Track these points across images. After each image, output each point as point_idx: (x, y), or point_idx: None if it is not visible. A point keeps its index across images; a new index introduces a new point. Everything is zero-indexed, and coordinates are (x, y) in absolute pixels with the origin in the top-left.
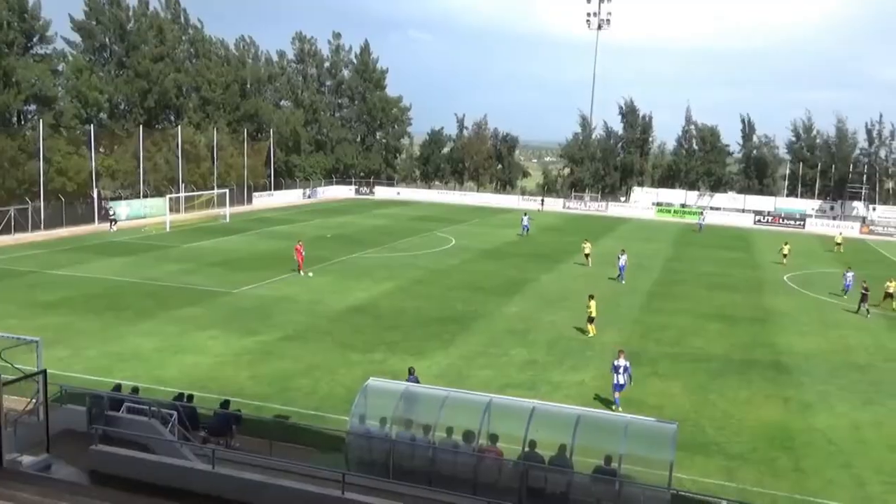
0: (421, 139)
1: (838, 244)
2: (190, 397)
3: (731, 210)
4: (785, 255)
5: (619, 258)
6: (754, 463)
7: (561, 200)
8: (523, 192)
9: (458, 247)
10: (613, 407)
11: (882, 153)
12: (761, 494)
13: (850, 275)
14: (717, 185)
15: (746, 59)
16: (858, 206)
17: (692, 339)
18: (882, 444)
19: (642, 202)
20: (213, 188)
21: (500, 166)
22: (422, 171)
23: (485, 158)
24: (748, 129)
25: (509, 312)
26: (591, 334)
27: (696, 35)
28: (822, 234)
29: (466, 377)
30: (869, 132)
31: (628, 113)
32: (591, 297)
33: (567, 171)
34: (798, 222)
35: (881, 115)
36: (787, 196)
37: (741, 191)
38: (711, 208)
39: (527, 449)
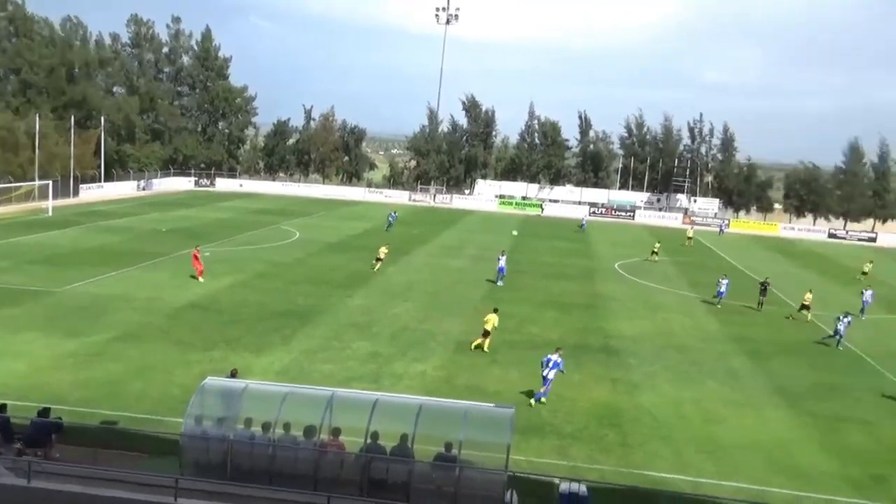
0: (266, 130)
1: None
2: (2, 407)
3: (568, 202)
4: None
5: (499, 259)
6: (585, 441)
7: (406, 193)
8: (369, 185)
9: (302, 240)
10: (543, 400)
11: (702, 149)
12: (590, 470)
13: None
14: (557, 178)
15: (587, 59)
16: (681, 198)
17: (530, 327)
18: (699, 418)
19: (486, 194)
20: (33, 179)
21: (346, 158)
22: (266, 163)
23: (331, 150)
24: (585, 125)
25: (353, 305)
26: (473, 346)
27: (539, 34)
28: (651, 224)
29: (309, 372)
30: (691, 130)
31: (471, 107)
32: (496, 310)
33: (413, 163)
34: (629, 213)
35: (701, 115)
36: (620, 189)
37: (578, 183)
38: (550, 200)
39: (369, 441)
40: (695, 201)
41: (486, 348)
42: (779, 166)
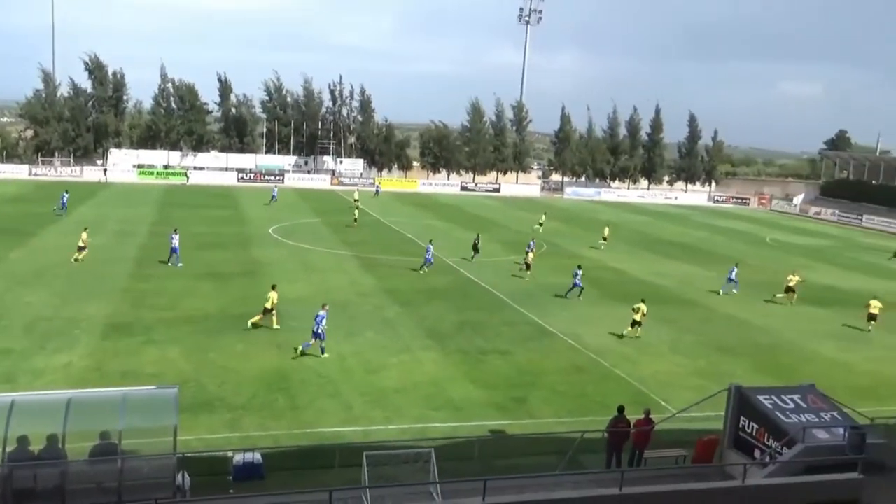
0: None
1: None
2: None
3: (214, 169)
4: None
5: (171, 238)
6: (256, 409)
7: (26, 167)
8: None
9: None
10: (324, 354)
11: (344, 111)
12: (264, 437)
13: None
14: (200, 145)
15: (218, 19)
16: (328, 160)
17: (187, 301)
18: (362, 369)
19: (122, 164)
20: None
21: None
22: None
23: None
24: (225, 89)
25: None
26: (250, 323)
27: None
28: (299, 187)
29: None
30: (332, 92)
31: (96, 69)
32: (274, 287)
33: (30, 133)
34: (278, 177)
35: (341, 77)
36: (267, 153)
37: (223, 149)
38: (196, 168)
39: (10, 448)
40: (341, 162)
41: (275, 325)
42: (413, 126)
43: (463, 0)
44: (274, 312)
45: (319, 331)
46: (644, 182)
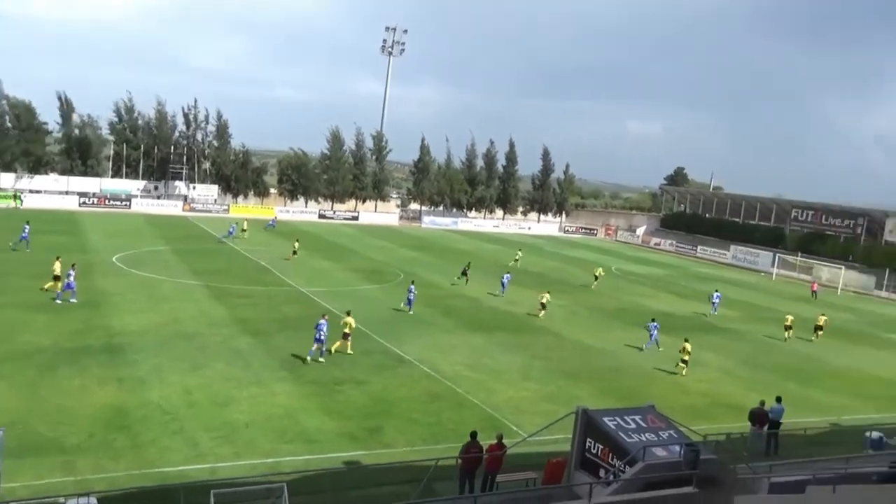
0: None
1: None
2: None
3: (54, 192)
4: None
5: (69, 274)
6: (92, 450)
7: None
8: None
9: None
10: (319, 359)
11: (199, 136)
12: (101, 479)
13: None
14: (38, 167)
15: (58, 31)
16: (180, 186)
17: (20, 335)
18: (210, 402)
19: None
20: None
21: None
22: None
23: None
24: (67, 108)
25: None
26: (333, 349)
27: None
28: (148, 213)
29: None
30: (186, 116)
31: None
32: (349, 312)
33: None
34: (124, 202)
35: (196, 101)
36: (113, 177)
37: (64, 172)
38: (31, 191)
39: None
40: (194, 188)
41: (349, 350)
42: (271, 153)
43: (326, 29)
44: (349, 338)
45: (321, 337)
46: (499, 212)
